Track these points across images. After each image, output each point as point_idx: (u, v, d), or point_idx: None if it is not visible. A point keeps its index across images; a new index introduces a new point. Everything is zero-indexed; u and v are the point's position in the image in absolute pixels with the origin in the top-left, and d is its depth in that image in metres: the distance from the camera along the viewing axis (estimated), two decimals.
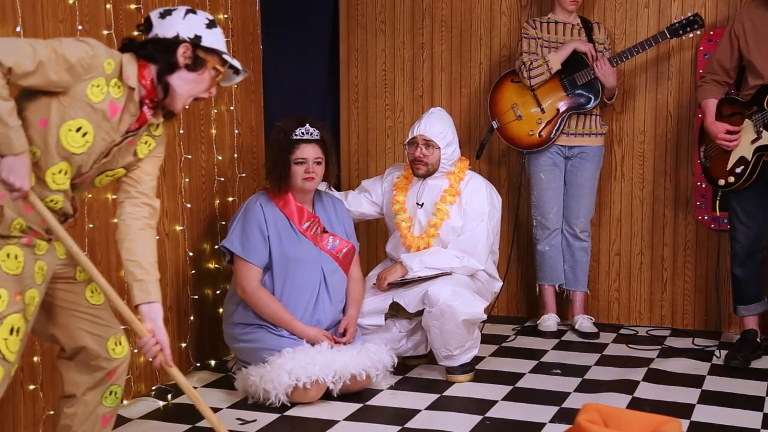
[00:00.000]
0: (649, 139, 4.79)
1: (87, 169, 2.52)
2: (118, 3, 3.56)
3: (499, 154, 5.04)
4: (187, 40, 2.54)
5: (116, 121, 2.50)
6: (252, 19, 4.41)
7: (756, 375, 3.97)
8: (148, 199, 2.67)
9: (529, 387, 3.87)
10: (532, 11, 4.91)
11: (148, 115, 2.57)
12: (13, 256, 2.41)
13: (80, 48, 2.39)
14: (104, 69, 2.44)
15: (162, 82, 2.54)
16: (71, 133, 2.42)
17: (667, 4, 4.68)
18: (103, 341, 2.65)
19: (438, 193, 4.03)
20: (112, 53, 2.49)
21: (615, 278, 4.92)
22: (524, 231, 4.97)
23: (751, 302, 4.21)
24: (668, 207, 4.79)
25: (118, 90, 2.49)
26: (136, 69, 2.52)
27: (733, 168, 4.05)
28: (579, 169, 4.65)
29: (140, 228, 2.63)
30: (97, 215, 3.49)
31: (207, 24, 2.59)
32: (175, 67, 2.54)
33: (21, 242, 2.44)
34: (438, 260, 3.94)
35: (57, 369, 2.69)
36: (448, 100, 5.09)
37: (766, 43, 3.96)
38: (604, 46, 4.65)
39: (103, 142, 2.49)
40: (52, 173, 2.44)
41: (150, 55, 2.53)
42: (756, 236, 4.12)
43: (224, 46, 2.63)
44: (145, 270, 2.59)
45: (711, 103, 4.14)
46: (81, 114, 2.43)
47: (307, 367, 3.55)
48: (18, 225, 2.43)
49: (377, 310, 3.99)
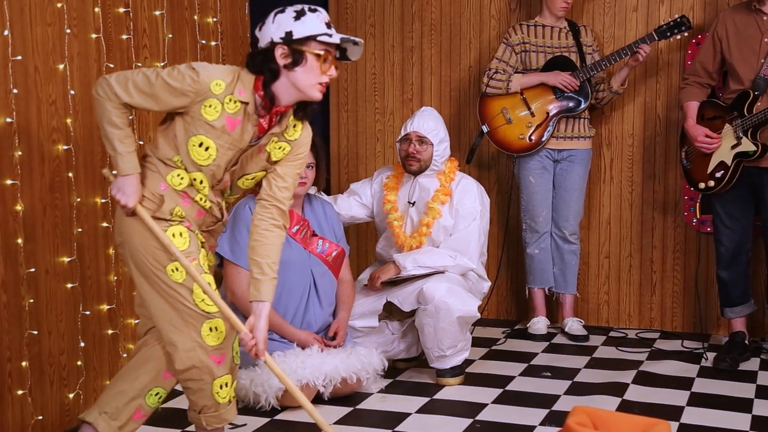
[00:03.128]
0: (638, 142, 4.81)
1: (220, 176, 2.76)
2: (107, 6, 3.55)
3: (488, 158, 5.05)
4: (280, 40, 2.63)
5: (237, 133, 2.70)
6: (241, 22, 4.40)
7: (744, 377, 3.99)
8: (277, 201, 2.82)
9: (519, 390, 3.87)
10: (521, 14, 4.92)
11: (264, 124, 2.73)
12: (178, 234, 2.72)
13: (182, 75, 2.63)
14: (212, 90, 2.64)
15: (267, 92, 2.68)
16: (195, 148, 2.69)
17: (655, 8, 4.70)
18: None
19: (429, 192, 4.05)
20: (226, 72, 2.67)
21: (604, 281, 4.93)
22: (514, 234, 4.98)
23: (737, 304, 4.23)
24: (657, 210, 4.80)
25: (234, 105, 2.68)
26: (252, 83, 2.69)
27: (714, 172, 4.07)
28: (568, 172, 4.66)
29: (265, 228, 2.81)
30: (85, 219, 3.48)
31: (295, 16, 2.64)
32: (278, 71, 2.65)
33: (182, 224, 2.75)
34: (431, 259, 3.95)
35: (45, 373, 2.69)
36: (437, 103, 5.10)
37: (748, 48, 3.98)
38: (593, 48, 4.66)
39: (229, 153, 2.71)
40: (192, 178, 2.73)
41: (256, 68, 2.68)
42: (740, 239, 4.14)
43: (320, 27, 2.64)
44: (261, 270, 2.78)
45: (693, 105, 4.16)
46: (201, 131, 2.67)
47: (297, 370, 3.55)
48: (178, 212, 2.74)
49: (371, 312, 3.99)
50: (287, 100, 2.72)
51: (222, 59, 4.22)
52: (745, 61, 3.97)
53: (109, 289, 3.61)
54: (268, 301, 2.78)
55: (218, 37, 4.21)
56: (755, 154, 3.92)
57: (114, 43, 3.59)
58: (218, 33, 4.21)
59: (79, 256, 3.44)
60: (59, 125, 3.35)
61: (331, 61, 2.68)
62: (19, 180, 3.18)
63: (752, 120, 3.91)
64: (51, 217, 3.32)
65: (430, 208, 4.02)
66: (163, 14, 3.85)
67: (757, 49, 3.94)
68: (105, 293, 3.59)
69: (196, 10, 4.05)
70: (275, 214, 2.82)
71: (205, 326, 2.73)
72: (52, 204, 3.33)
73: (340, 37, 2.66)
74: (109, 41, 3.56)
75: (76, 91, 3.41)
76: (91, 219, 3.51)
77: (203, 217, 2.83)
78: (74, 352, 3.43)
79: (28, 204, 3.22)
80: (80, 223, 3.45)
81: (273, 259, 2.80)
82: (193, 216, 2.79)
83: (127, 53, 3.66)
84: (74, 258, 3.41)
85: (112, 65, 3.56)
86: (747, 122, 3.93)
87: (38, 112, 3.26)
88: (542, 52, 4.61)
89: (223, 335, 2.76)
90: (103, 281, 3.57)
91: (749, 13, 4.01)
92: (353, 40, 2.69)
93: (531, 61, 4.62)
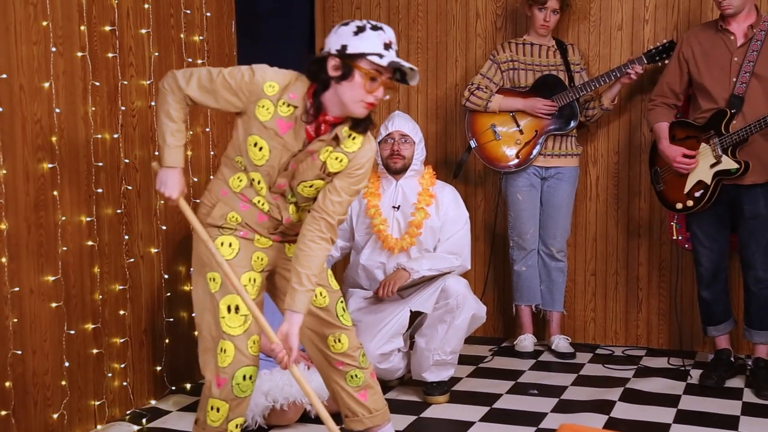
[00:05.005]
0: (623, 159, 4.83)
1: (274, 179, 2.80)
2: (93, 25, 3.55)
3: (475, 174, 5.07)
4: (335, 52, 2.65)
5: (289, 137, 2.75)
6: (227, 41, 4.41)
7: (730, 394, 3.99)
8: (327, 215, 2.81)
9: (506, 408, 3.86)
10: (507, 33, 4.95)
11: (310, 131, 2.76)
12: (227, 244, 2.82)
13: (241, 74, 2.72)
14: (265, 91, 2.71)
15: (316, 101, 2.71)
16: (251, 147, 2.76)
17: (640, 27, 4.74)
18: (322, 338, 2.99)
19: (412, 194, 4.09)
20: (283, 76, 2.74)
21: (591, 298, 4.94)
22: (500, 252, 4.98)
23: (720, 322, 4.25)
24: (643, 227, 4.82)
25: (287, 108, 2.74)
26: (305, 89, 2.73)
27: (692, 192, 4.08)
28: (555, 190, 4.68)
29: (311, 240, 2.80)
30: (70, 238, 3.46)
31: (355, 31, 2.65)
32: (328, 82, 2.68)
33: (237, 234, 2.84)
34: (438, 261, 4.01)
35: (29, 394, 2.67)
36: (424, 120, 5.11)
37: (717, 66, 4.01)
38: (580, 67, 4.69)
39: (282, 155, 2.76)
40: (251, 179, 2.81)
41: (311, 75, 2.72)
42: (718, 258, 4.16)
43: (376, 46, 2.64)
44: (300, 281, 2.76)
45: (664, 126, 4.19)
46: (255, 131, 2.75)
47: (284, 388, 3.54)
48: (233, 218, 2.83)
49: (396, 332, 3.95)
50: (335, 112, 2.74)
51: None
52: (716, 81, 4.01)
53: (94, 308, 3.59)
54: (302, 312, 2.76)
55: (204, 55, 4.21)
56: (738, 172, 3.94)
57: (100, 61, 3.59)
58: (204, 51, 4.21)
59: (64, 275, 3.42)
60: (44, 143, 3.34)
61: (382, 82, 2.67)
62: (4, 198, 3.17)
63: (733, 138, 3.94)
64: (35, 235, 3.31)
65: (418, 209, 4.06)
66: (149, 32, 3.85)
67: (728, 68, 3.99)
68: (90, 312, 3.57)
69: (183, 29, 4.06)
70: (323, 227, 2.80)
71: (218, 344, 2.78)
72: (37, 223, 3.31)
73: (389, 61, 2.63)
74: (95, 59, 3.56)
75: (61, 110, 3.40)
76: (76, 238, 3.49)
77: (265, 221, 2.87)
78: (58, 372, 3.41)
79: (13, 223, 3.21)
80: (65, 242, 3.43)
81: (314, 271, 2.77)
82: (254, 220, 2.85)
83: (113, 71, 3.66)
84: (59, 277, 3.40)
85: (98, 83, 3.56)
86: (726, 140, 3.95)
87: (23, 131, 3.25)
88: (531, 70, 4.64)
89: (229, 360, 2.77)
90: (88, 300, 3.54)
91: (715, 33, 4.05)
92: (406, 66, 2.66)
93: (519, 79, 4.64)
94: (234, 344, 2.78)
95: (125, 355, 3.76)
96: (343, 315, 3.01)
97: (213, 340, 2.81)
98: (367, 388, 3.05)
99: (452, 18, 5.06)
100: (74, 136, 3.47)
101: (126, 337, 3.76)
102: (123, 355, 3.74)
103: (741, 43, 3.99)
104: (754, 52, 3.93)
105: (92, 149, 3.56)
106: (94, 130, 3.57)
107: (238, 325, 2.79)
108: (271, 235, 2.90)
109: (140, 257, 3.84)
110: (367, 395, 3.04)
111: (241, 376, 2.80)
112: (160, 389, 3.98)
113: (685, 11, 4.63)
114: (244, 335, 2.80)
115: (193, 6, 4.13)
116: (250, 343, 2.81)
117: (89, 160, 3.54)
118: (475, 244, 4.99)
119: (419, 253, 4.06)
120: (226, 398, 2.80)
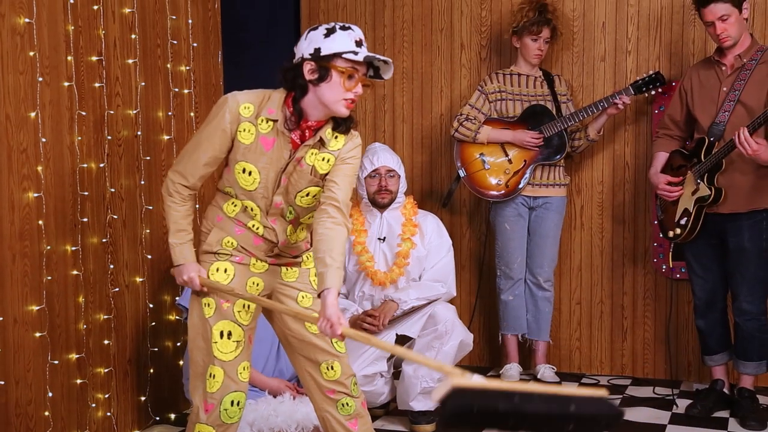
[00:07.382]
0: (608, 189, 4.87)
1: (270, 200, 2.83)
2: (80, 55, 3.57)
3: (461, 204, 5.09)
4: (309, 56, 2.69)
5: (274, 152, 2.78)
6: (214, 70, 4.43)
7: (716, 423, 4.00)
8: (332, 200, 2.79)
9: None
10: (492, 64, 4.99)
11: (296, 138, 2.79)
12: (222, 270, 2.86)
13: (218, 107, 2.77)
14: (242, 114, 2.75)
15: (296, 107, 2.74)
16: (240, 174, 2.79)
17: (622, 58, 4.79)
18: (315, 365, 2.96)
19: (397, 225, 4.12)
20: (254, 96, 2.78)
21: (576, 327, 4.95)
22: (487, 281, 4.99)
23: (716, 352, 4.24)
24: (627, 256, 4.84)
25: (267, 124, 2.77)
26: (282, 100, 2.77)
27: (679, 220, 4.12)
28: (543, 219, 4.70)
29: (323, 227, 2.74)
30: (55, 267, 3.45)
31: (325, 33, 2.69)
32: (306, 87, 2.71)
33: (232, 259, 2.88)
34: (424, 290, 4.04)
35: (12, 424, 2.66)
36: (409, 150, 5.14)
37: (708, 100, 4.08)
38: (567, 97, 4.73)
39: (272, 173, 2.79)
40: (245, 206, 2.84)
41: (288, 84, 2.75)
42: (713, 287, 4.16)
43: (348, 44, 2.68)
44: (324, 263, 2.68)
45: (660, 155, 4.24)
46: (240, 157, 2.78)
47: (269, 418, 3.52)
48: (229, 243, 2.88)
49: (380, 356, 3.96)
50: (316, 116, 2.77)
51: (195, 107, 4.24)
52: (704, 110, 4.07)
53: (78, 337, 3.57)
54: (334, 287, 2.62)
55: (191, 85, 4.23)
56: (710, 199, 3.97)
57: (86, 91, 3.60)
58: (191, 81, 4.23)
59: (49, 305, 3.41)
60: (30, 173, 3.34)
61: (358, 79, 2.72)
62: None
63: (706, 165, 3.98)
64: (20, 265, 3.30)
65: (404, 239, 4.09)
66: (136, 62, 3.87)
67: (716, 97, 4.04)
68: (74, 342, 3.55)
69: (169, 59, 4.08)
70: (332, 212, 2.74)
71: (208, 369, 2.79)
72: (22, 252, 3.31)
73: (364, 55, 2.68)
74: (82, 89, 3.57)
75: (47, 139, 3.41)
76: (60, 267, 3.48)
77: (261, 244, 2.89)
78: (42, 403, 3.38)
79: None
80: (50, 272, 3.42)
81: (337, 250, 2.68)
82: (250, 243, 2.88)
83: (100, 101, 3.67)
84: (43, 306, 3.38)
85: (84, 113, 3.57)
86: (702, 167, 4.00)
87: (9, 160, 3.25)
88: (518, 100, 4.67)
89: (218, 385, 2.79)
90: (72, 330, 3.53)
91: (711, 66, 4.12)
92: (380, 59, 2.72)
93: (507, 110, 4.67)
94: (224, 370, 2.79)
95: (109, 385, 3.74)
96: (336, 342, 3.01)
97: (204, 365, 2.82)
98: (358, 417, 3.04)
99: (437, 49, 5.10)
100: (60, 166, 3.47)
101: (110, 367, 3.74)
102: (107, 385, 3.72)
103: (730, 72, 4.05)
104: (742, 81, 3.98)
105: (78, 178, 3.56)
106: (80, 160, 3.57)
107: (230, 351, 2.81)
108: (267, 257, 2.92)
109: (125, 286, 3.83)
110: (357, 424, 3.03)
111: (229, 401, 2.80)
112: (145, 419, 3.96)
113: (667, 43, 4.69)
114: (235, 361, 2.81)
115: (180, 36, 4.16)
116: (240, 369, 2.82)
117: (75, 189, 3.54)
118: (462, 273, 5.00)
119: (407, 282, 4.08)
120: (213, 424, 2.80)
